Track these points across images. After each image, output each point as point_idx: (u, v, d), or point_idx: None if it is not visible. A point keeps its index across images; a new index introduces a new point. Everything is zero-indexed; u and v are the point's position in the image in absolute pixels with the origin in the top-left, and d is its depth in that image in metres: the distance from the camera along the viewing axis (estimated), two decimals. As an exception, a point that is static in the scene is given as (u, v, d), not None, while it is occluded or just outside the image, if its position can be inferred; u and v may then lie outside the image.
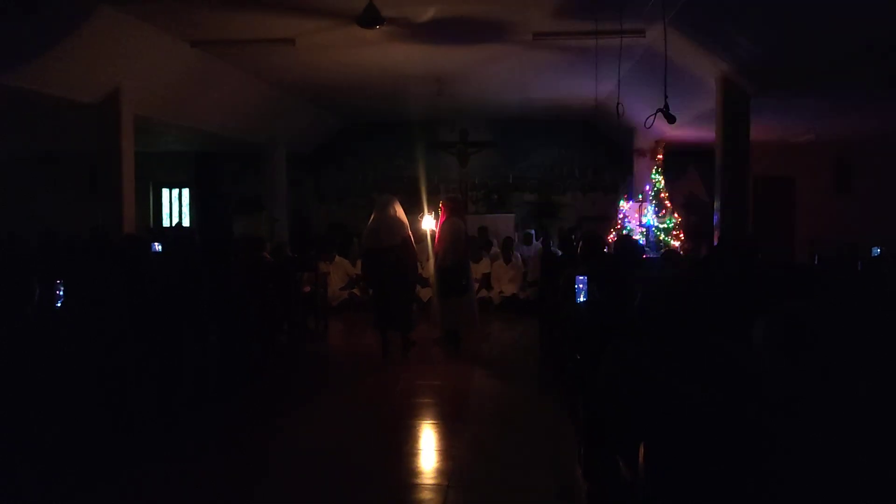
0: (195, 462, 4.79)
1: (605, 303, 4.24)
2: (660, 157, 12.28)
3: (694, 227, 14.78)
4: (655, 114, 5.92)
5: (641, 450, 2.29)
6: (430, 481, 4.47)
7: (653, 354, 2.51)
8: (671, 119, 5.90)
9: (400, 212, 8.01)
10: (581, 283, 4.94)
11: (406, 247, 7.92)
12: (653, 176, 12.18)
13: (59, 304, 4.58)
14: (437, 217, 8.52)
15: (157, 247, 8.75)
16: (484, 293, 11.21)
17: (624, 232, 11.76)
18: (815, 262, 10.19)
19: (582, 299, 5.09)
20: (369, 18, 6.94)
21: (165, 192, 17.51)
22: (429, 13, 7.70)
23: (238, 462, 4.81)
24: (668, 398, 2.27)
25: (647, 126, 6.13)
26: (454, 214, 8.17)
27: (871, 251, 6.99)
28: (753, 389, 2.17)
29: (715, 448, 2.14)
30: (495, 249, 12.52)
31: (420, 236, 8.56)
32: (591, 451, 3.56)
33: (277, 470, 4.71)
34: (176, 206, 17.59)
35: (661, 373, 2.41)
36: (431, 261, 8.39)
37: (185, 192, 17.42)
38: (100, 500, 4.13)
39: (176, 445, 5.07)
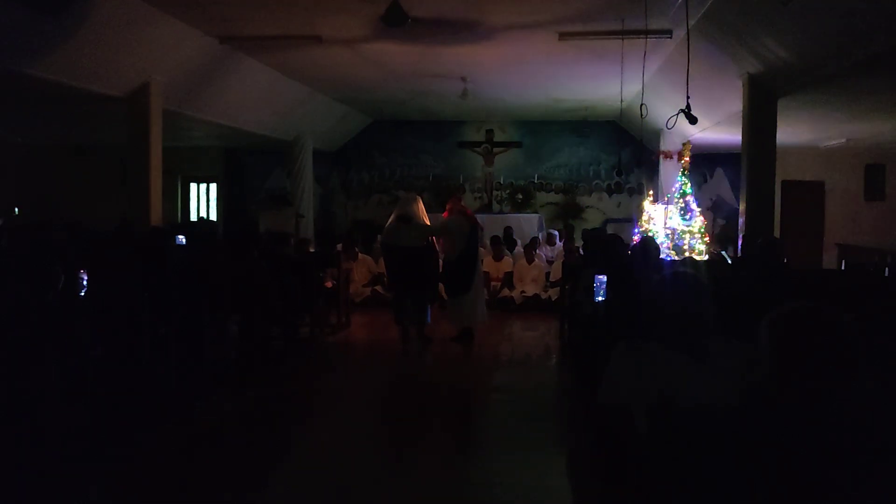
0: (210, 450, 4.87)
1: (617, 303, 4.23)
2: (686, 159, 12.16)
3: (720, 231, 14.69)
4: (677, 114, 5.89)
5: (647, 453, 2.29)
6: (447, 478, 4.49)
7: (656, 357, 2.51)
8: (692, 120, 5.85)
9: (421, 211, 8.16)
10: (599, 282, 4.93)
11: (430, 248, 8.12)
12: (679, 178, 12.08)
13: (82, 293, 4.68)
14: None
15: (182, 239, 8.91)
16: (506, 292, 11.22)
17: (649, 234, 11.67)
18: (842, 268, 10.07)
19: (600, 299, 5.09)
20: (394, 17, 6.97)
21: (193, 186, 17.72)
22: (454, 13, 7.72)
23: (248, 453, 4.87)
24: (669, 403, 2.26)
25: (670, 127, 6.09)
26: (457, 211, 8.33)
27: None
28: (757, 393, 2.16)
29: (716, 454, 2.14)
30: (519, 249, 12.51)
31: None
32: (602, 454, 3.55)
33: (289, 461, 4.77)
34: (204, 201, 17.79)
35: (663, 376, 2.41)
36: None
37: (213, 186, 17.61)
38: (115, 487, 4.20)
39: (193, 433, 5.15)
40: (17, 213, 13.84)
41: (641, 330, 2.74)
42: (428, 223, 8.22)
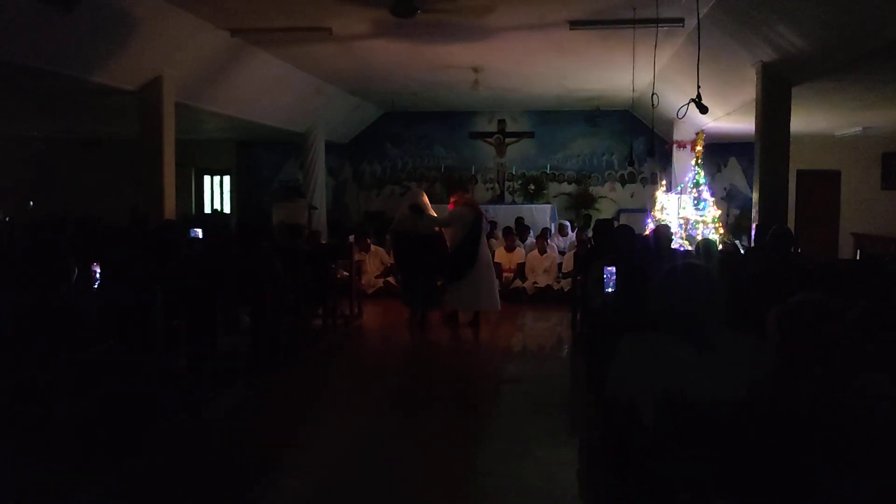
0: (222, 442, 4.91)
1: (626, 293, 4.22)
2: (700, 148, 12.08)
3: (735, 220, 14.60)
4: (688, 104, 5.85)
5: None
6: (459, 466, 4.50)
7: (663, 350, 2.50)
8: (703, 109, 5.81)
9: (427, 203, 8.84)
10: (609, 274, 4.92)
11: (438, 235, 8.77)
12: (693, 168, 12.00)
13: (95, 286, 4.73)
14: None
15: (199, 232, 9.03)
16: (518, 284, 11.21)
17: (663, 223, 11.61)
18: (857, 258, 9.98)
19: (610, 290, 5.07)
20: (404, 8, 6.96)
21: (207, 178, 17.80)
22: (464, 2, 7.69)
23: (260, 445, 4.90)
24: (675, 397, 2.26)
25: (680, 117, 6.06)
26: (460, 204, 8.80)
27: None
28: (763, 385, 2.15)
29: (722, 447, 2.13)
30: (531, 240, 12.49)
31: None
32: (610, 447, 3.55)
33: (300, 451, 4.80)
34: (217, 193, 17.88)
35: (669, 370, 2.41)
36: None
37: (227, 179, 17.69)
38: (127, 479, 4.24)
39: (205, 424, 5.19)
40: (31, 206, 13.97)
41: (649, 322, 2.74)
42: (434, 215, 8.83)
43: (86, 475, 4.06)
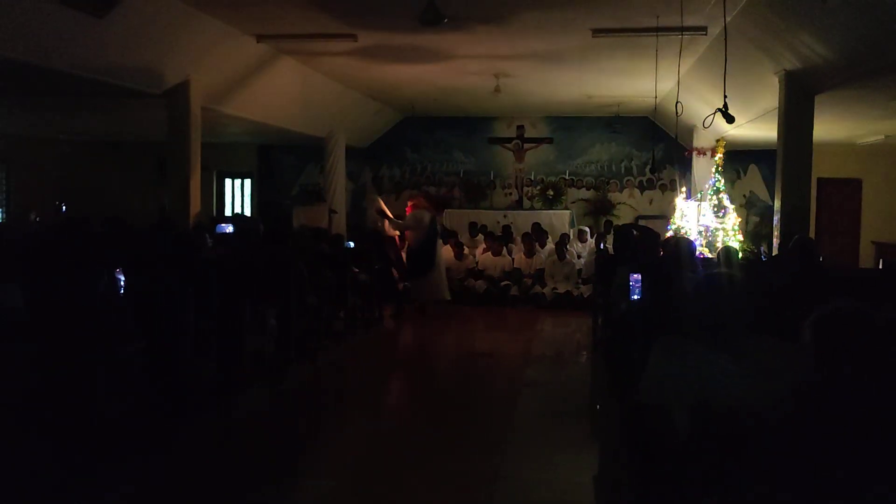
0: (246, 440, 4.99)
1: (652, 301, 4.25)
2: (720, 155, 12.06)
3: (754, 228, 14.55)
4: (714, 113, 5.88)
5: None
6: (478, 471, 4.55)
7: (697, 356, 2.54)
8: (730, 119, 5.83)
9: (382, 208, 10.89)
10: (634, 281, 4.95)
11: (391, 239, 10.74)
12: (713, 175, 11.99)
13: (121, 291, 4.80)
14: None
15: (228, 228, 9.23)
16: (538, 289, 11.26)
17: (682, 231, 11.60)
18: (880, 267, 9.94)
19: (636, 297, 5.09)
20: (431, 17, 7.02)
21: (228, 182, 17.95)
22: (488, 10, 7.75)
23: (284, 445, 4.97)
24: (711, 404, 2.29)
25: (706, 126, 6.08)
26: (418, 208, 10.32)
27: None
28: (797, 393, 2.19)
29: (753, 454, 2.16)
30: (550, 245, 12.52)
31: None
32: (637, 453, 3.58)
33: (324, 452, 4.86)
34: (238, 197, 18.02)
35: (704, 376, 2.44)
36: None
37: (248, 182, 17.82)
38: (153, 477, 4.32)
39: (232, 423, 5.27)
40: (62, 210, 14.15)
41: (677, 329, 2.77)
42: (392, 217, 10.78)
43: (114, 473, 4.15)
